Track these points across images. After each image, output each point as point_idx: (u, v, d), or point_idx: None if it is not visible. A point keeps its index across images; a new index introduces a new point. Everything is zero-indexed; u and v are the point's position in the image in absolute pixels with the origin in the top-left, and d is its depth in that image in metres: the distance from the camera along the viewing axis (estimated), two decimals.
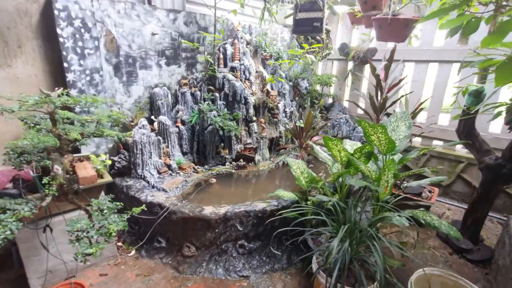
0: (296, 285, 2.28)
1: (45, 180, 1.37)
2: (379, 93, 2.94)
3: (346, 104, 4.49)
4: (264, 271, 2.39)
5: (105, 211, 1.52)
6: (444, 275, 1.84)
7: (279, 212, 2.31)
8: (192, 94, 3.42)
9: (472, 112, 2.37)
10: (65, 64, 2.44)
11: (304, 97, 4.37)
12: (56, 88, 1.61)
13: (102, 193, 2.29)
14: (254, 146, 3.51)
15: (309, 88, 4.40)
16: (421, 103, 2.91)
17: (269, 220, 2.39)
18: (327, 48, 3.60)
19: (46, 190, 1.38)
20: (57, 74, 2.53)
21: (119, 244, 2.62)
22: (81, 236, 1.35)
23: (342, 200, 2.15)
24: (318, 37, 3.62)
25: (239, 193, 2.87)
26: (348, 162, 2.34)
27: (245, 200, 2.81)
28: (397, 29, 1.86)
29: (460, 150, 3.62)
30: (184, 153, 3.29)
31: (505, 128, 2.50)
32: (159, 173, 2.81)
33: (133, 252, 2.56)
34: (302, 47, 3.87)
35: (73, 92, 2.53)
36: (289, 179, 3.17)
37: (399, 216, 1.72)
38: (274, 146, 3.73)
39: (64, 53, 2.41)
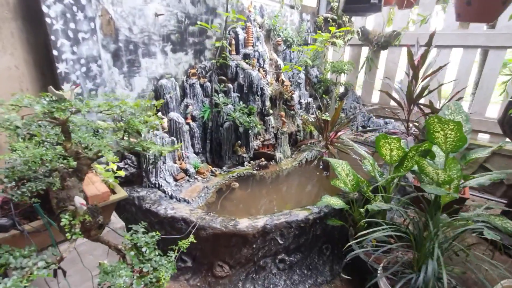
0: None
1: (64, 221, 0.97)
2: (413, 81, 2.69)
3: (359, 92, 4.24)
4: (308, 286, 2.13)
5: (143, 249, 1.15)
6: None
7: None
8: (202, 86, 2.99)
9: None
10: (55, 52, 1.94)
11: (315, 86, 4.06)
12: (73, 86, 1.18)
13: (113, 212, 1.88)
14: (272, 143, 3.17)
15: (320, 76, 4.09)
16: (458, 92, 2.70)
17: (312, 229, 2.11)
18: (349, 32, 3.28)
19: (68, 235, 0.97)
20: (44, 65, 2.02)
21: None
22: None
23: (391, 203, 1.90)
24: (339, 21, 3.28)
25: (268, 199, 2.55)
26: (400, 162, 2.09)
27: (277, 207, 2.51)
28: (493, 4, 1.58)
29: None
30: (196, 153, 2.90)
31: None
32: (175, 180, 2.41)
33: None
34: (316, 31, 3.53)
35: (67, 86, 2.03)
36: (319, 180, 2.89)
37: (487, 227, 1.49)
38: (293, 141, 3.42)
39: (52, 37, 1.90)
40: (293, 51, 3.63)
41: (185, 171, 2.51)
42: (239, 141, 2.97)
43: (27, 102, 1.14)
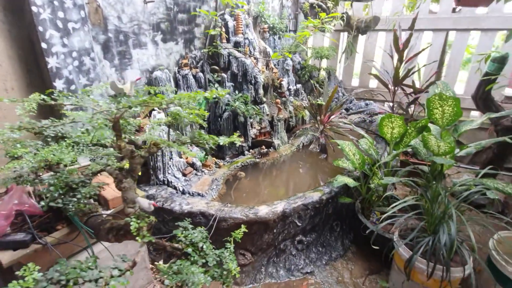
0: (362, 270, 2.21)
1: (134, 225, 0.91)
2: (398, 64, 2.89)
3: (340, 77, 4.42)
4: (324, 262, 2.26)
5: (200, 244, 1.13)
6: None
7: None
8: (194, 77, 2.89)
9: (493, 78, 2.48)
10: (44, 45, 1.73)
11: (299, 73, 4.14)
12: (133, 79, 1.08)
13: None
14: (268, 130, 3.21)
15: (302, 63, 4.17)
16: (436, 72, 2.96)
17: (325, 209, 2.23)
18: (334, 18, 3.37)
19: (138, 238, 0.92)
20: (31, 60, 1.80)
21: (150, 266, 2.16)
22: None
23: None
24: (324, 6, 3.35)
25: (276, 185, 2.61)
26: (400, 139, 2.27)
27: (287, 191, 2.58)
28: None
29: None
30: (196, 146, 2.83)
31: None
32: (184, 175, 2.34)
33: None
34: (297, 18, 3.56)
35: (59, 83, 1.84)
36: (319, 162, 3.01)
37: (488, 190, 1.71)
38: (286, 127, 3.48)
39: (40, 28, 1.69)
40: (279, 38, 3.64)
41: (192, 165, 2.45)
42: (238, 131, 2.96)
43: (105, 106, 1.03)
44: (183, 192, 2.21)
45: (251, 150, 3.04)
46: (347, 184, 2.15)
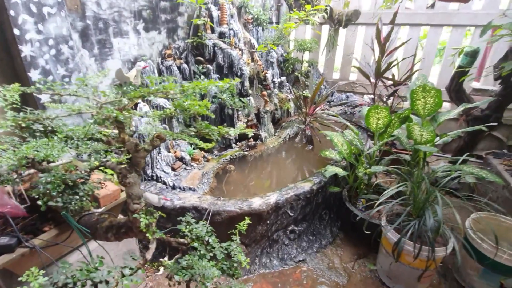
0: (351, 255, 2.31)
1: (144, 221, 0.87)
2: (379, 57, 2.99)
3: (321, 69, 4.49)
4: (315, 250, 2.33)
5: (206, 238, 1.11)
6: (492, 216, 2.09)
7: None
8: (178, 68, 2.79)
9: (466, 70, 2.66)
10: (16, 31, 1.57)
11: (282, 65, 4.14)
12: (139, 67, 1.01)
13: None
14: (255, 123, 3.20)
15: (285, 55, 4.18)
16: (413, 65, 3.11)
17: (315, 198, 2.29)
18: (318, 11, 3.38)
19: (149, 235, 0.88)
20: (1, 48, 1.63)
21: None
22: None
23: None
24: None
25: (266, 177, 2.62)
26: (385, 129, 2.36)
27: (277, 183, 2.60)
28: None
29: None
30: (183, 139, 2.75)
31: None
32: (173, 169, 2.27)
33: (162, 270, 2.10)
34: (279, 9, 3.55)
35: (34, 74, 1.69)
36: (305, 153, 3.06)
37: (468, 175, 1.85)
38: (271, 119, 3.49)
39: (11, 12, 1.53)
40: (263, 30, 3.61)
41: (181, 159, 2.38)
42: (225, 123, 2.92)
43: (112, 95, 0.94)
44: (173, 187, 2.15)
45: (238, 143, 3.02)
46: (337, 173, 2.21)
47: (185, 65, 2.82)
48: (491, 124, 2.29)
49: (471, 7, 3.40)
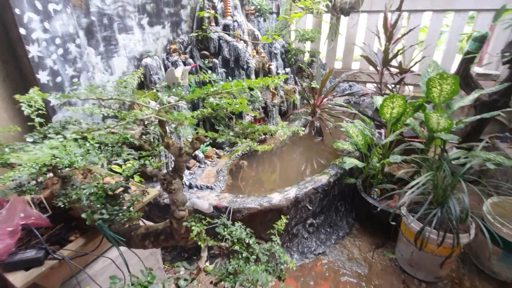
0: (369, 245, 2.32)
1: (196, 229, 0.83)
2: (386, 45, 2.96)
3: (323, 59, 4.44)
4: (333, 242, 2.33)
5: (246, 240, 1.09)
6: (508, 200, 2.11)
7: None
8: (184, 63, 2.71)
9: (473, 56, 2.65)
10: (22, 30, 1.48)
11: (283, 56, 4.08)
12: (187, 67, 0.96)
13: None
14: (262, 116, 3.16)
15: (287, 46, 4.11)
16: (420, 52, 3.09)
17: (332, 190, 2.28)
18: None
19: (201, 243, 0.84)
20: (6, 49, 1.53)
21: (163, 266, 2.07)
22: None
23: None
24: None
25: (281, 170, 2.60)
26: (399, 118, 2.35)
27: (292, 176, 2.59)
28: None
29: None
30: None
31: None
32: (187, 168, 2.23)
33: (182, 270, 2.07)
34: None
35: (43, 75, 1.61)
36: (316, 145, 3.05)
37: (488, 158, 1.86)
38: (278, 112, 3.45)
39: (17, 10, 1.44)
40: (264, 20, 3.53)
41: (194, 157, 2.33)
42: (233, 118, 2.87)
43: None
44: (190, 187, 2.11)
45: (247, 138, 2.97)
46: (356, 165, 2.20)
47: (190, 60, 2.74)
48: (505, 109, 2.29)
49: None
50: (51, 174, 1.43)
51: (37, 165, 1.12)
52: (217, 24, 2.88)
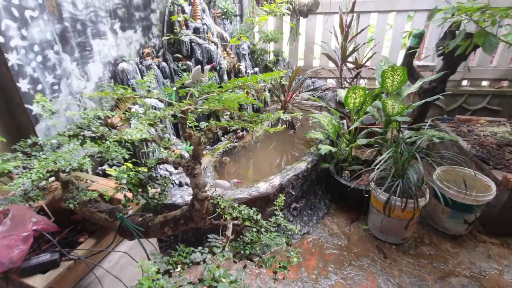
0: (345, 221, 2.61)
1: (222, 204, 0.95)
2: (343, 43, 3.31)
3: (287, 59, 4.72)
4: (315, 222, 2.58)
5: (254, 217, 1.24)
6: (450, 168, 2.54)
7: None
8: (158, 66, 2.74)
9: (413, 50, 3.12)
10: (0, 38, 1.44)
11: (249, 57, 4.27)
12: (207, 66, 1.04)
13: None
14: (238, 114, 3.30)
15: (252, 47, 4.31)
16: (372, 48, 3.51)
17: (310, 176, 2.53)
18: (284, 2, 3.55)
19: (227, 216, 0.97)
20: None
21: None
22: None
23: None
24: None
25: (262, 162, 2.78)
26: (361, 107, 2.68)
27: (273, 166, 2.78)
28: None
29: None
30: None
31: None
32: (175, 167, 2.29)
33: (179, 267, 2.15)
34: (241, 1, 3.64)
35: (23, 83, 1.58)
36: (290, 137, 3.28)
37: (433, 135, 2.25)
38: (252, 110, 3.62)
39: None
40: (230, 23, 3.68)
41: (180, 157, 2.39)
42: (211, 118, 2.97)
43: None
44: (180, 185, 2.18)
45: (225, 136, 3.11)
46: (330, 150, 2.46)
47: (164, 63, 2.78)
48: (443, 94, 2.73)
49: None
50: (52, 179, 1.43)
51: (43, 170, 1.15)
52: (187, 27, 2.95)
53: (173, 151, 2.40)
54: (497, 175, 2.34)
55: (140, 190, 1.06)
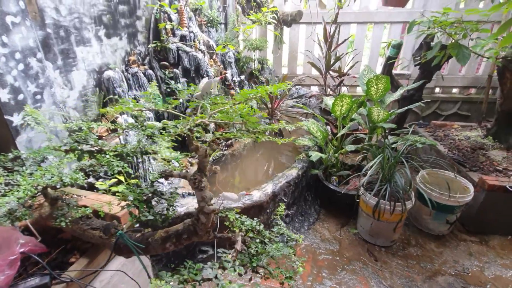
0: (335, 226, 2.66)
1: (232, 216, 0.93)
2: (328, 52, 3.42)
3: (271, 67, 4.79)
4: (306, 228, 2.61)
5: (257, 228, 1.23)
6: (432, 171, 2.67)
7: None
8: (144, 74, 2.68)
9: (393, 60, 3.29)
10: None
11: (235, 64, 4.29)
12: (216, 78, 1.01)
13: None
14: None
15: (236, 55, 4.34)
16: (353, 58, 3.65)
17: (301, 182, 2.56)
18: (269, 12, 3.60)
19: (236, 228, 0.95)
20: None
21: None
22: None
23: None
24: (258, 1, 3.55)
25: (252, 170, 2.77)
26: (347, 114, 2.77)
27: (264, 174, 2.78)
28: None
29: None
30: None
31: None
32: (166, 178, 2.22)
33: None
34: (226, 10, 3.67)
35: (3, 93, 1.47)
36: (277, 145, 3.30)
37: (416, 140, 2.36)
38: None
39: None
40: (216, 31, 3.68)
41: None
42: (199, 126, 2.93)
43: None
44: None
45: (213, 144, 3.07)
46: (321, 157, 2.51)
47: (150, 71, 2.72)
48: (424, 101, 2.88)
49: (388, 8, 4.14)
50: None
51: (31, 187, 1.08)
52: (174, 35, 2.92)
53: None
54: (474, 177, 2.50)
55: (144, 206, 1.02)
